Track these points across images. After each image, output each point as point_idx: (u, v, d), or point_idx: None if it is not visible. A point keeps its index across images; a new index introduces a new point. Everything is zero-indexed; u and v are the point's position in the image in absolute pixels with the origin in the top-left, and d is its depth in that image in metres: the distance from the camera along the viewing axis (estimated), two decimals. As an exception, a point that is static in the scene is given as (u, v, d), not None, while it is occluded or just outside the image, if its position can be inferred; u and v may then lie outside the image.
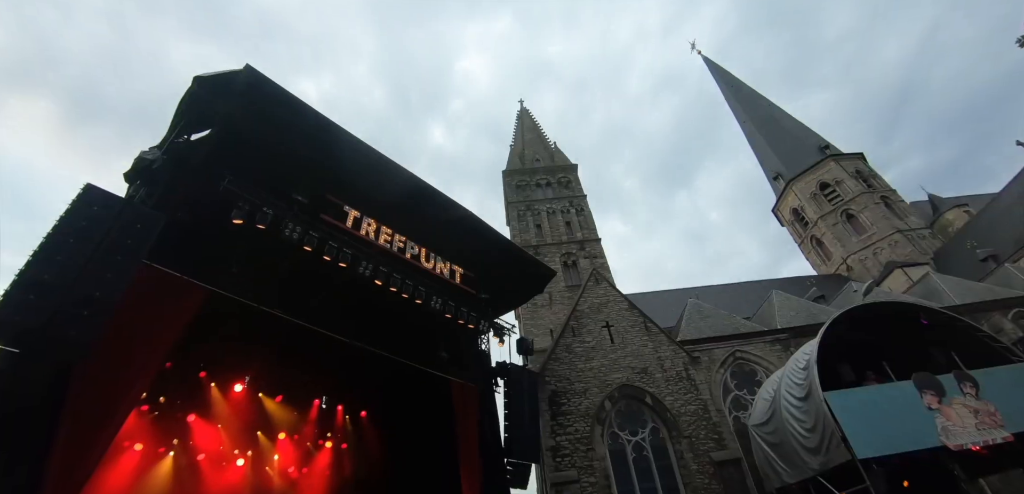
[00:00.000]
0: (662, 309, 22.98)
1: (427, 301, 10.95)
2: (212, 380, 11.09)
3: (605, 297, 18.22)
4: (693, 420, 15.40)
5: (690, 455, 14.75)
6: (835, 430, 11.07)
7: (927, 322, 12.86)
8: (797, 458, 12.36)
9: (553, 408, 15.44)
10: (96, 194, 6.92)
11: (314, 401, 13.16)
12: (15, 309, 5.81)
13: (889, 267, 28.05)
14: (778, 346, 17.41)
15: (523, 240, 27.43)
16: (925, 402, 11.52)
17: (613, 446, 15.16)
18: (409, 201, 11.46)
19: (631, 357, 16.61)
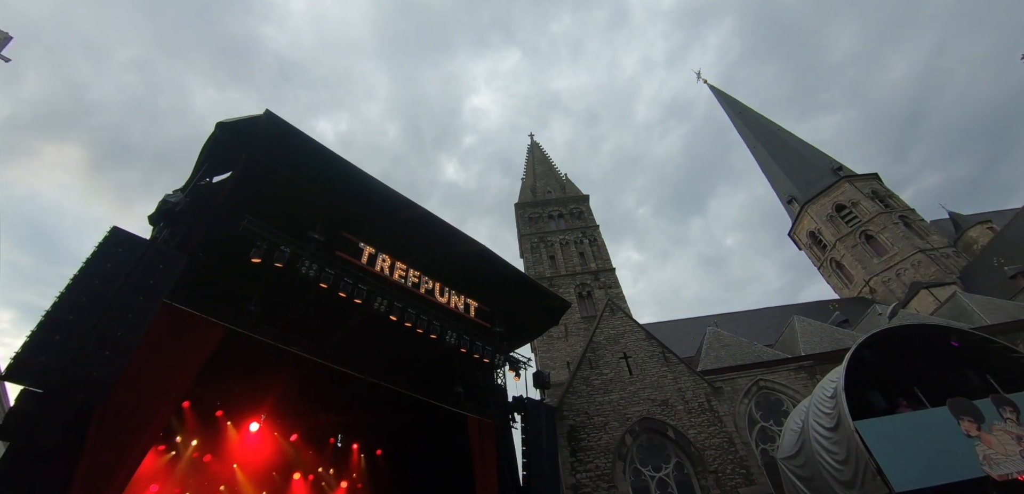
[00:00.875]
0: (681, 338, 22.52)
1: (442, 336, 10.93)
2: (228, 419, 11.11)
3: (621, 327, 17.95)
4: (718, 454, 14.82)
5: (718, 491, 14.14)
6: (869, 462, 10.54)
7: (957, 344, 12.35)
8: (830, 492, 11.75)
9: (572, 444, 15.04)
10: (122, 236, 7.18)
11: (329, 439, 13.06)
12: (39, 350, 5.98)
13: (914, 288, 27.21)
14: (803, 374, 16.83)
15: (537, 272, 27.40)
16: (963, 429, 10.94)
17: (636, 483, 14.61)
18: (423, 236, 11.61)
19: (651, 389, 16.21)
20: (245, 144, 8.86)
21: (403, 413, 12.56)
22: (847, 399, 11.34)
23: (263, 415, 11.50)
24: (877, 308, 24.71)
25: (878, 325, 17.59)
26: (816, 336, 19.38)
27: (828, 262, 36.85)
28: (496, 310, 13.19)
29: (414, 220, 11.32)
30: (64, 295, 6.38)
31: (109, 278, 6.76)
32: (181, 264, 7.55)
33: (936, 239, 31.99)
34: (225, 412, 11.13)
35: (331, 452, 13.04)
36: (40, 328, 6.06)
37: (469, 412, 12.01)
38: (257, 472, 11.41)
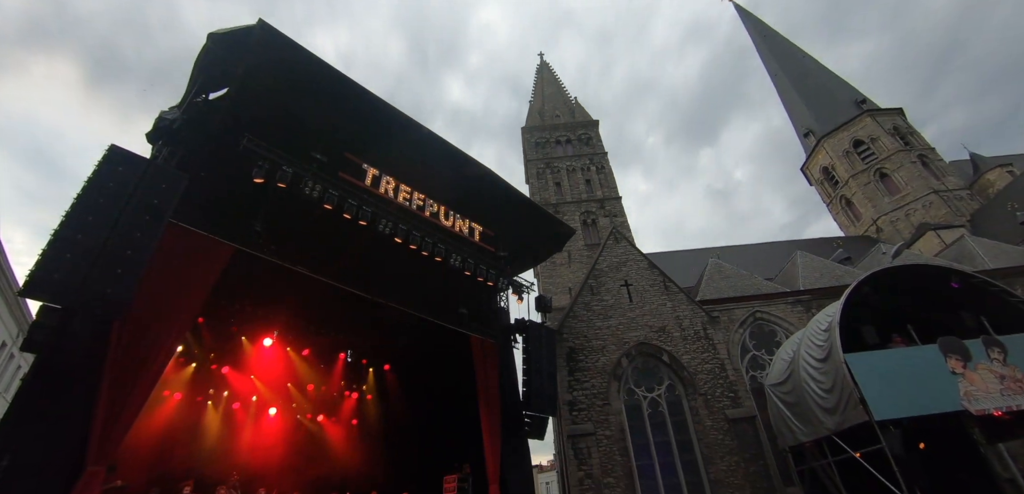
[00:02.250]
0: (682, 269, 22.79)
1: (447, 259, 11.07)
2: (243, 335, 11.62)
3: (624, 256, 18.12)
4: (709, 378, 15.52)
5: (705, 411, 14.97)
6: (853, 391, 11.03)
7: (958, 285, 12.45)
8: (813, 417, 12.41)
9: (570, 364, 15.74)
10: (121, 155, 7.08)
11: (340, 355, 13.70)
12: (52, 268, 6.10)
13: (921, 229, 26.96)
14: (800, 307, 17.17)
15: (542, 198, 27.24)
16: (949, 366, 11.32)
17: (629, 401, 15.46)
18: (428, 159, 11.41)
19: (649, 316, 16.66)
20: (239, 58, 8.48)
21: (410, 332, 13.05)
22: (841, 333, 11.67)
23: (276, 332, 12.00)
24: (881, 247, 24.65)
25: (880, 264, 17.65)
26: (816, 272, 19.53)
27: (838, 200, 36.27)
28: (501, 235, 13.26)
29: (419, 141, 11.08)
30: (70, 214, 6.40)
31: (112, 197, 6.73)
32: (183, 183, 7.52)
33: (952, 181, 31.18)
34: (239, 328, 11.59)
35: (342, 366, 13.74)
36: (50, 246, 6.15)
37: (473, 332, 12.45)
38: (273, 383, 12.11)
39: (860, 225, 33.85)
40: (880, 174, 32.89)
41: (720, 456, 14.25)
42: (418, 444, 13.33)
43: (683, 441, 14.78)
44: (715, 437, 14.53)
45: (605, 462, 14.15)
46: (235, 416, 11.41)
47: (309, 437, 12.57)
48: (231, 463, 10.32)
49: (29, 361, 6.80)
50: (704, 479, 14.07)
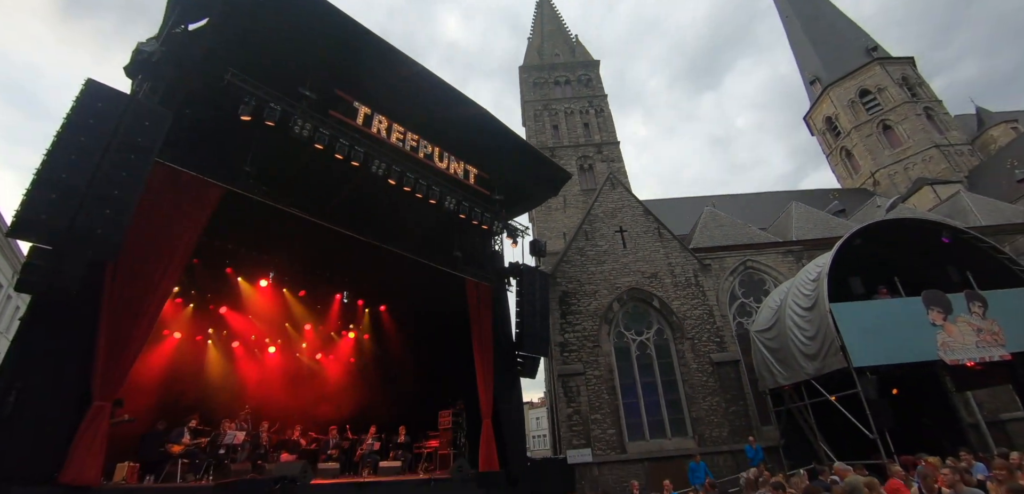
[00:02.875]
0: (678, 216, 22.82)
1: (441, 201, 10.98)
2: (239, 275, 11.70)
3: (620, 202, 18.07)
4: (697, 324, 15.95)
5: (691, 355, 15.50)
6: (835, 339, 11.40)
7: (948, 240, 12.59)
8: (794, 362, 12.89)
9: (563, 307, 16.07)
10: (99, 90, 6.79)
11: (336, 296, 13.88)
12: (38, 208, 6.01)
13: (918, 183, 26.91)
14: (791, 257, 17.39)
15: (539, 141, 26.74)
16: (930, 318, 11.66)
17: (618, 344, 15.95)
18: (422, 97, 11.05)
19: (642, 262, 16.85)
20: (219, -17, 8.00)
21: (404, 274, 13.15)
22: (828, 283, 11.91)
23: (271, 273, 12.08)
24: (877, 200, 24.68)
25: (874, 217, 17.71)
26: (810, 223, 19.65)
27: (838, 151, 35.86)
28: (496, 178, 13.11)
29: (412, 78, 10.68)
30: (51, 152, 6.24)
31: (94, 135, 6.53)
32: (167, 121, 7.27)
33: (955, 135, 30.76)
34: (235, 269, 11.63)
35: (338, 307, 13.94)
36: (34, 186, 6.04)
37: (467, 275, 12.59)
38: (271, 323, 12.33)
39: (858, 178, 33.70)
40: (883, 126, 32.37)
41: (702, 396, 14.90)
42: (414, 381, 13.81)
43: (668, 382, 15.40)
44: (699, 379, 15.13)
45: (593, 400, 14.78)
46: (235, 355, 11.68)
47: (308, 375, 12.95)
48: (234, 399, 10.68)
49: (26, 301, 6.85)
50: (686, 417, 14.79)
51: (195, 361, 10.76)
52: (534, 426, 40.48)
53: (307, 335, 13.10)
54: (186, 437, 8.56)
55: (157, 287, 7.52)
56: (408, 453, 11.52)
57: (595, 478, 13.63)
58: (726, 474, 13.40)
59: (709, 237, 18.62)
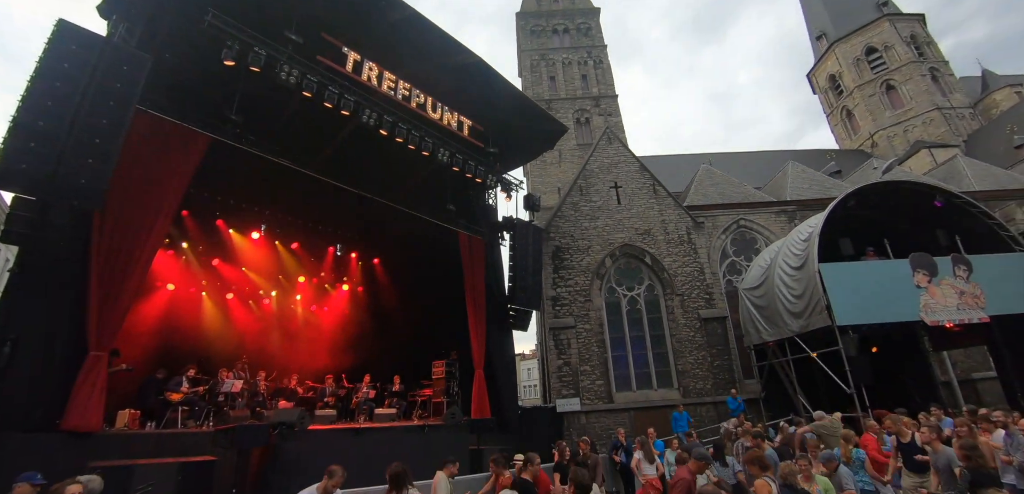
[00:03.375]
0: (674, 173, 22.63)
1: (434, 153, 10.79)
2: (230, 228, 11.58)
3: (616, 157, 17.86)
4: (687, 280, 16.17)
5: (680, 311, 15.81)
6: (821, 298, 11.62)
7: (941, 204, 12.66)
8: (779, 319, 13.20)
9: (556, 262, 16.18)
10: (72, 31, 6.44)
11: (329, 249, 13.85)
12: (19, 158, 5.84)
13: (916, 146, 26.73)
14: (784, 217, 17.46)
15: (535, 93, 26.02)
16: (916, 280, 11.87)
17: (609, 299, 16.20)
18: (414, 44, 10.61)
19: (636, 219, 16.86)
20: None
21: (398, 227, 13.12)
22: (819, 243, 12.02)
23: (263, 225, 11.97)
24: (873, 162, 24.58)
25: (869, 179, 17.72)
26: (805, 183, 19.62)
27: (839, 110, 35.32)
28: (490, 130, 12.86)
29: (404, 23, 10.21)
30: (26, 99, 5.99)
31: (70, 80, 6.26)
32: (147, 65, 6.95)
33: (958, 98, 30.28)
34: (225, 221, 11.49)
35: (331, 259, 13.93)
36: (11, 134, 5.83)
37: (461, 229, 12.57)
38: (265, 275, 12.34)
39: (856, 139, 33.40)
40: (887, 86, 31.79)
41: (689, 351, 15.32)
42: (408, 333, 14.04)
43: (656, 336, 15.78)
44: (687, 334, 15.51)
45: (583, 352, 15.16)
46: (230, 307, 11.75)
47: (303, 326, 13.10)
48: (230, 350, 10.81)
49: (14, 253, 6.77)
50: (672, 370, 15.26)
51: (191, 313, 10.84)
52: (525, 377, 41.72)
53: (301, 287, 13.17)
54: (185, 386, 8.74)
55: (146, 238, 7.46)
56: (403, 401, 11.85)
57: (583, 426, 14.19)
58: (708, 423, 13.99)
59: (704, 195, 18.58)
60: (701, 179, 19.69)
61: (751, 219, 17.50)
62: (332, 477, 4.66)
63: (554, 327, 15.36)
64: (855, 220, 13.26)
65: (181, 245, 10.78)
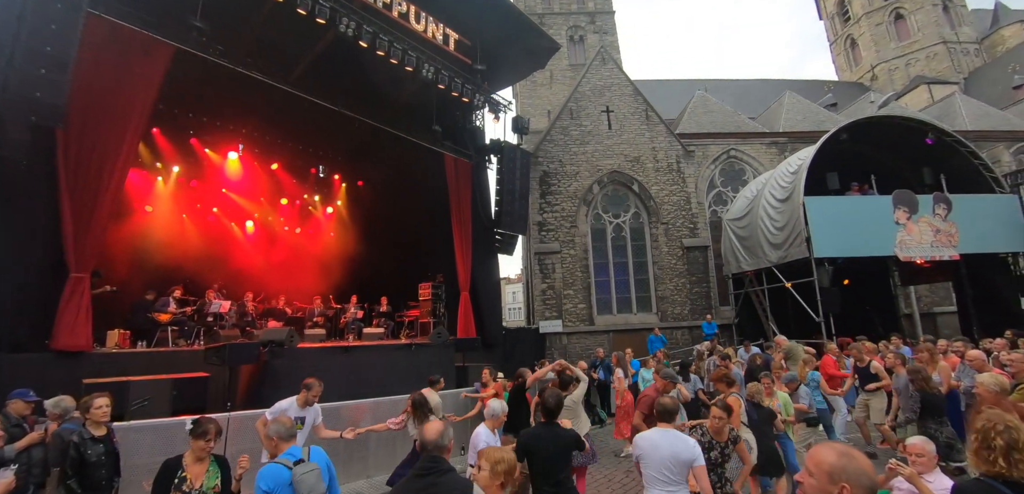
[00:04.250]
0: (668, 98, 21.96)
1: (418, 69, 10.19)
2: (206, 147, 11.10)
3: (610, 80, 17.16)
4: (673, 209, 16.28)
5: (664, 239, 16.07)
6: (803, 230, 11.85)
7: (932, 142, 12.64)
8: (759, 250, 13.54)
9: (543, 187, 16.04)
10: None
11: (310, 170, 13.45)
12: None
13: (915, 81, 26.14)
14: (775, 149, 17.32)
15: (527, 5, 24.24)
16: (895, 217, 12.11)
17: (595, 225, 16.33)
18: (394, -58, 9.67)
19: (626, 145, 16.57)
20: None
21: (381, 148, 12.72)
22: (806, 176, 12.05)
23: (240, 145, 11.45)
24: (870, 96, 24.06)
25: (865, 113, 17.42)
26: (800, 114, 19.27)
27: (844, 38, 33.89)
28: (478, 45, 12.12)
29: (383, -83, 9.21)
30: None
31: None
32: (94, -38, 6.28)
33: (966, 32, 29.14)
34: (200, 140, 10.98)
35: (314, 181, 13.56)
36: None
37: (446, 151, 12.23)
38: (246, 196, 12.00)
39: (857, 71, 32.45)
40: (896, 14, 30.42)
41: (670, 278, 15.78)
42: (395, 255, 14.08)
43: (639, 263, 16.15)
44: (669, 262, 15.89)
45: (567, 277, 15.52)
46: (212, 228, 11.52)
47: (288, 248, 12.97)
48: (215, 271, 10.74)
49: None
50: (652, 295, 15.80)
51: (173, 234, 10.61)
52: (510, 299, 42.90)
53: (284, 209, 12.92)
54: (172, 306, 8.79)
55: (116, 155, 7.17)
56: (390, 321, 12.16)
57: (564, 346, 14.86)
58: (683, 346, 14.74)
59: (696, 123, 18.21)
60: (695, 106, 19.18)
61: (742, 150, 17.34)
62: (310, 389, 4.82)
63: (539, 252, 15.57)
64: (845, 154, 13.23)
65: (156, 165, 10.35)
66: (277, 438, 3.18)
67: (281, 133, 12.35)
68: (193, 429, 3.28)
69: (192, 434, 3.26)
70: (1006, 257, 12.78)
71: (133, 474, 4.55)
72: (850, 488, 1.42)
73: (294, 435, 3.30)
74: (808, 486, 1.53)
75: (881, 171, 12.98)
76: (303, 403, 4.77)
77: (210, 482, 3.24)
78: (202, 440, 3.23)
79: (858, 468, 1.44)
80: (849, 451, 1.49)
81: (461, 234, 12.48)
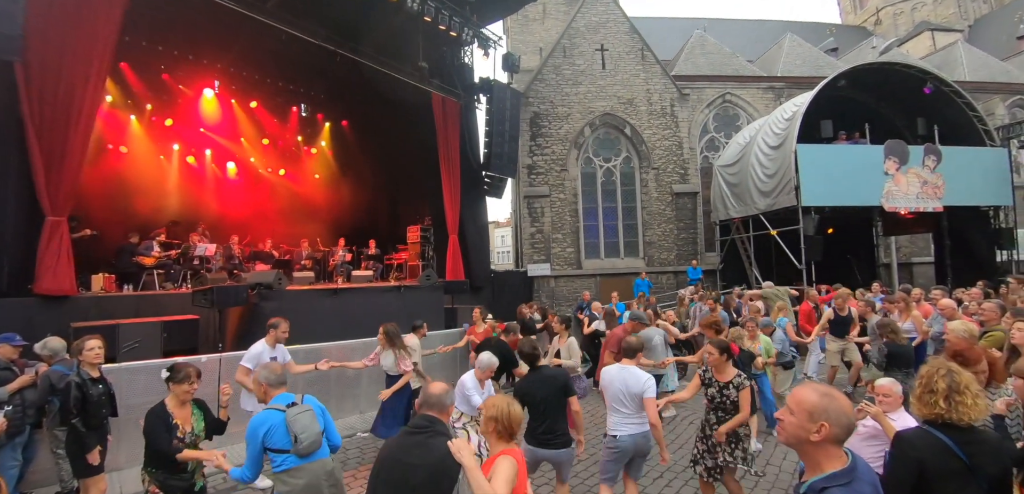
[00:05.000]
0: (665, 37, 21.02)
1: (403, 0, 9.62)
2: (179, 84, 10.55)
3: (605, 15, 16.36)
4: (665, 154, 16.12)
5: (654, 184, 16.03)
6: (793, 178, 11.85)
7: (929, 91, 12.45)
8: (748, 197, 13.59)
9: (533, 129, 15.70)
10: None
11: (292, 109, 12.88)
12: None
13: (920, 27, 25.31)
14: (771, 94, 16.92)
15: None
16: (885, 167, 12.12)
17: (586, 169, 16.19)
18: None
19: (620, 86, 16.10)
20: None
21: (366, 86, 12.17)
22: (800, 123, 11.88)
23: (216, 81, 10.87)
24: (872, 41, 23.35)
25: (865, 58, 16.98)
26: (799, 58, 18.72)
27: (852, -23, 32.46)
28: (468, -27, 11.41)
29: None
30: None
31: None
32: None
33: (976, -25, 28.03)
34: (172, 76, 10.39)
35: (296, 120, 13.01)
36: None
37: (434, 89, 11.80)
38: (225, 136, 11.52)
39: (862, 14, 31.25)
40: (905, -45, 28.99)
41: (658, 223, 15.91)
42: (382, 198, 13.92)
43: (628, 208, 16.21)
44: (658, 208, 15.94)
45: (556, 221, 15.56)
46: (192, 170, 11.14)
47: (272, 190, 12.66)
48: (198, 214, 10.53)
49: None
50: (640, 240, 15.99)
51: (152, 176, 10.30)
52: (499, 243, 42.98)
53: (266, 149, 12.50)
54: (156, 250, 8.69)
55: (82, 92, 6.84)
56: (379, 264, 12.21)
57: (552, 289, 15.15)
58: (668, 290, 15.10)
59: (693, 65, 17.64)
60: (692, 47, 18.51)
61: (738, 94, 16.95)
62: (277, 328, 4.92)
63: (529, 195, 15.49)
64: (842, 101, 13.03)
65: (128, 103, 9.85)
66: (267, 384, 3.13)
67: (259, 69, 11.74)
68: (172, 375, 3.24)
69: (172, 380, 3.23)
70: (988, 210, 13.00)
71: (130, 413, 4.67)
72: (828, 426, 1.45)
73: (284, 381, 3.23)
74: (788, 423, 1.56)
75: (876, 120, 12.84)
76: (273, 342, 4.89)
77: (198, 425, 3.29)
78: (185, 384, 3.20)
79: (838, 408, 1.47)
80: (830, 392, 1.53)
81: (449, 176, 12.30)
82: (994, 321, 4.77)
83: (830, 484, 1.44)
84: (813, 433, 1.48)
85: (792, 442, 1.57)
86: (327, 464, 3.00)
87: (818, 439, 1.47)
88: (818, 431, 1.46)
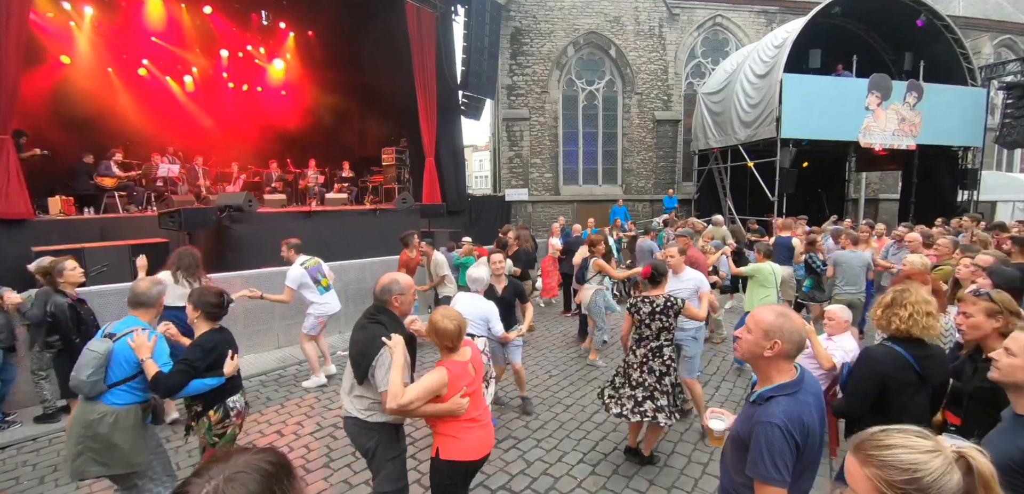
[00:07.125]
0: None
1: None
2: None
3: (597, -87, 15.01)
4: (650, 79, 15.63)
5: (636, 110, 15.69)
6: (775, 109, 11.72)
7: (921, 23, 12.06)
8: (730, 127, 13.48)
9: (514, 47, 14.91)
10: None
11: (251, 15, 11.85)
12: None
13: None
14: (763, 19, 16.12)
15: None
16: (867, 102, 12.00)
17: (567, 92, 15.67)
18: None
19: (607, 2, 15.17)
20: None
21: (333, -8, 11.25)
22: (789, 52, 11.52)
23: None
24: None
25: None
26: (797, -21, 17.65)
27: None
28: None
29: None
30: None
31: None
32: None
33: None
34: None
35: (257, 28, 12.01)
36: None
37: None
38: (179, 46, 10.61)
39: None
40: None
41: (638, 151, 15.80)
42: (355, 118, 13.36)
43: (609, 134, 15.96)
44: (639, 135, 15.74)
45: (535, 145, 15.32)
46: (145, 84, 10.34)
47: (235, 107, 11.95)
48: (157, 132, 9.98)
49: None
50: (618, 168, 15.96)
51: (100, 91, 9.56)
52: (477, 167, 42.12)
53: (225, 61, 11.68)
54: (115, 171, 8.39)
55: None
56: (353, 186, 12.06)
57: (529, 214, 15.27)
58: (644, 217, 15.36)
59: (688, -22, 16.53)
60: (690, -44, 17.22)
61: (729, 18, 16.11)
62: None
63: (508, 118, 15.10)
64: (833, 30, 12.61)
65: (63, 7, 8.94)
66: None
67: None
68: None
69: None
70: (958, 151, 13.18)
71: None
72: (780, 343, 1.59)
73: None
74: (745, 341, 1.69)
75: (864, 51, 12.54)
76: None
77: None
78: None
79: (791, 327, 1.61)
80: (786, 312, 1.66)
81: (425, 95, 11.81)
82: (946, 256, 5.10)
83: (777, 393, 1.60)
84: (767, 349, 1.61)
85: (748, 357, 1.72)
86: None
87: (771, 355, 1.61)
88: (771, 347, 1.60)
